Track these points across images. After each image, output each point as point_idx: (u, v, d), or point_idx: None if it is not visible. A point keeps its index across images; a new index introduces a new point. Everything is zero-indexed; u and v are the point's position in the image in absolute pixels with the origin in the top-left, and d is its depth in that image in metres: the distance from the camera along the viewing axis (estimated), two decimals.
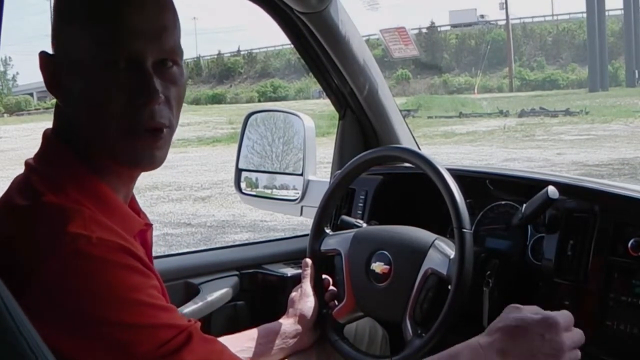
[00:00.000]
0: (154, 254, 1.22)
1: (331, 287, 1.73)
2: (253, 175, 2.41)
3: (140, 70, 1.03)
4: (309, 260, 1.71)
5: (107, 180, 1.07)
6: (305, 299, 1.64)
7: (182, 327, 1.01)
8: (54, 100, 1.10)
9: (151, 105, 1.03)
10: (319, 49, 2.04)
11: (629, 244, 1.51)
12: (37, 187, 1.02)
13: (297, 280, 1.74)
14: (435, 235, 1.62)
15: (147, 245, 1.14)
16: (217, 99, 45.68)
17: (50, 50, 1.09)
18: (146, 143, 1.05)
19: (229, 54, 60.67)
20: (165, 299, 1.05)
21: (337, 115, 2.26)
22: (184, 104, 1.12)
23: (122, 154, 1.05)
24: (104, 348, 0.96)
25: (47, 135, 1.10)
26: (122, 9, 1.02)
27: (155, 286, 1.03)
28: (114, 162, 1.07)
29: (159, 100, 1.04)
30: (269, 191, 2.40)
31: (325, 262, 1.73)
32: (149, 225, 1.15)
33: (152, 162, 1.07)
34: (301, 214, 2.28)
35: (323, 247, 1.73)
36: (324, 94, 2.29)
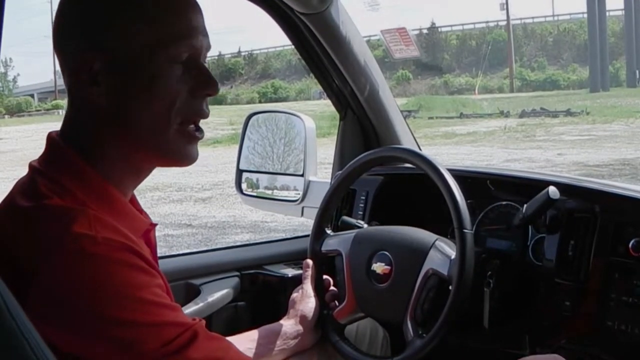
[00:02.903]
0: None
1: (332, 288, 1.73)
2: (254, 176, 2.40)
3: (198, 64, 1.09)
4: (309, 261, 1.71)
5: (114, 181, 1.08)
6: (306, 300, 1.64)
7: (188, 325, 1.02)
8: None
9: (211, 96, 1.11)
10: (320, 49, 2.04)
11: (630, 244, 1.51)
12: (42, 190, 1.02)
13: (297, 281, 1.73)
14: (436, 236, 1.62)
15: (151, 244, 1.15)
16: (217, 100, 45.47)
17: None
18: (195, 140, 1.11)
19: (229, 55, 60.69)
20: (170, 298, 1.05)
21: (337, 116, 2.26)
22: None
23: (175, 150, 1.09)
24: (108, 347, 0.96)
25: (52, 138, 1.10)
26: (182, 8, 1.08)
27: (160, 285, 1.03)
28: (157, 157, 1.10)
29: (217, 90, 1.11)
30: (269, 192, 2.40)
31: (326, 263, 1.73)
32: (153, 225, 1.16)
33: (194, 157, 1.12)
34: (302, 214, 2.29)
35: (324, 248, 1.73)
36: (325, 94, 2.29)
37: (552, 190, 1.57)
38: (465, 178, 1.69)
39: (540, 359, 1.34)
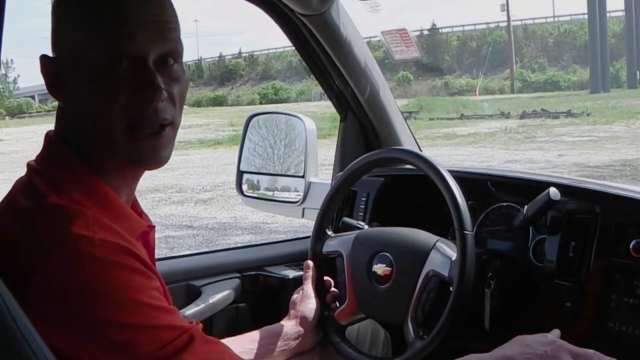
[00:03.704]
0: (155, 255, 1.22)
1: (333, 289, 1.73)
2: (255, 178, 2.41)
3: (143, 67, 1.03)
4: (310, 262, 1.71)
5: (109, 181, 1.08)
6: (306, 301, 1.64)
7: (184, 329, 1.02)
8: (55, 103, 1.10)
9: (155, 102, 1.04)
10: (320, 51, 2.05)
11: (631, 245, 1.51)
12: (40, 188, 1.03)
13: (298, 282, 1.74)
14: (437, 237, 1.62)
15: (149, 246, 1.14)
16: (218, 101, 45.68)
17: (49, 53, 1.09)
18: (149, 143, 1.06)
19: (230, 56, 60.71)
20: (167, 301, 1.05)
21: (338, 117, 2.26)
22: (185, 107, 1.13)
23: (126, 153, 1.06)
24: (104, 349, 0.96)
25: (49, 137, 1.11)
26: (124, 5, 1.03)
27: (157, 288, 1.03)
28: (118, 161, 1.07)
29: (162, 96, 1.04)
30: (270, 193, 2.40)
31: (326, 264, 1.73)
32: (151, 227, 1.16)
33: (157, 161, 1.08)
34: (303, 216, 2.29)
35: (324, 249, 1.73)
36: (325, 96, 2.30)
37: (553, 191, 1.57)
38: (466, 179, 1.69)
39: (532, 337, 1.31)
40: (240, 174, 2.40)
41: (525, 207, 1.63)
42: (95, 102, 1.04)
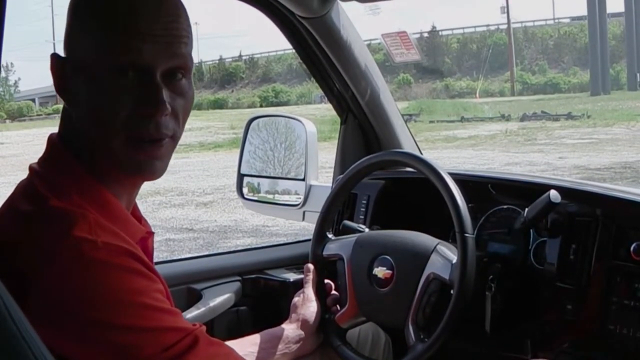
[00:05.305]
0: (156, 259, 1.22)
1: (333, 292, 1.73)
2: (255, 181, 2.41)
3: (149, 80, 1.02)
4: (311, 266, 1.71)
5: (109, 187, 1.08)
6: (307, 304, 1.64)
7: (188, 331, 1.02)
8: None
9: (157, 117, 1.03)
10: (321, 53, 2.05)
11: (631, 248, 1.51)
12: (41, 192, 1.03)
13: (299, 285, 1.74)
14: (438, 240, 1.62)
15: (148, 252, 1.14)
16: (218, 104, 45.69)
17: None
18: (147, 153, 1.05)
19: (230, 59, 60.71)
20: (170, 303, 1.05)
21: (338, 119, 2.26)
22: None
23: (124, 162, 1.05)
24: (108, 351, 0.96)
25: (51, 140, 1.11)
26: (136, 15, 1.02)
27: (160, 290, 1.03)
28: (115, 169, 1.07)
29: (165, 112, 1.03)
30: (271, 196, 2.40)
31: (327, 267, 1.73)
32: (150, 233, 1.16)
33: (153, 172, 1.07)
34: (303, 219, 2.28)
35: (325, 252, 1.73)
36: (326, 98, 2.30)
37: (554, 194, 1.57)
38: (467, 182, 1.70)
39: None
40: (240, 177, 2.40)
41: (526, 209, 1.63)
42: (98, 110, 1.03)
